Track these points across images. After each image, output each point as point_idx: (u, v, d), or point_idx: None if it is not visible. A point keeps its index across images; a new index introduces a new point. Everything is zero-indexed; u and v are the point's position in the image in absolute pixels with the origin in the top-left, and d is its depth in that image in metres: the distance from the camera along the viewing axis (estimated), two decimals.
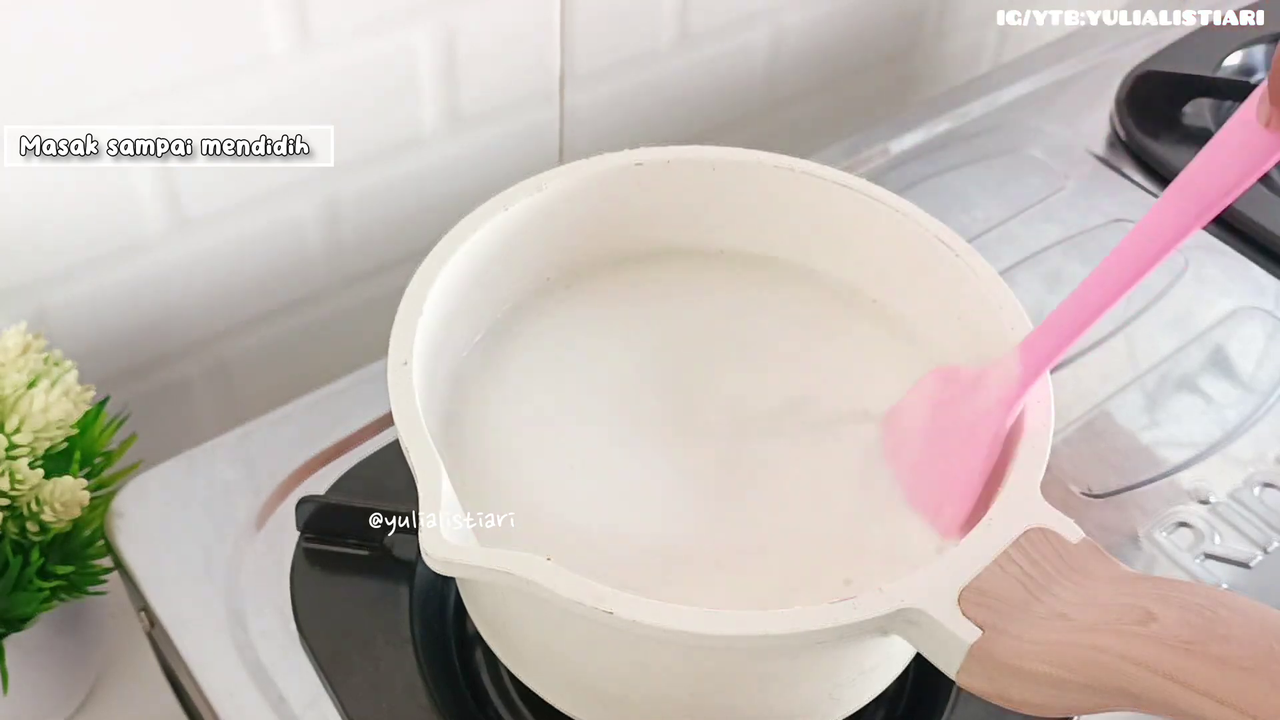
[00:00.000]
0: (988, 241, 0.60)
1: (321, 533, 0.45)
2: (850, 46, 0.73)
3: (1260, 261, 0.60)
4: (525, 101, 0.60)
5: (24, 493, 0.42)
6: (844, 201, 0.43)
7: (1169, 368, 0.55)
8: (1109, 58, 0.71)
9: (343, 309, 0.62)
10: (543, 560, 0.32)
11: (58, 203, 0.49)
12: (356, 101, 0.54)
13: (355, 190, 0.57)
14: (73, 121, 0.47)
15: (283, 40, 0.50)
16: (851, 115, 0.77)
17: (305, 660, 0.43)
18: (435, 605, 0.45)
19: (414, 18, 0.53)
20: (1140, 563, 0.47)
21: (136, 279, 0.53)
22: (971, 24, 0.80)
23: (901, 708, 0.43)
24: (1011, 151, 0.65)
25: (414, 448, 0.34)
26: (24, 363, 0.43)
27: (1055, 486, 0.49)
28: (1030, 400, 0.37)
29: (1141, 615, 0.29)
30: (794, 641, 0.32)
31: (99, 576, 0.47)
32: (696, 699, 0.36)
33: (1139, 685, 0.28)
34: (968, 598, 0.32)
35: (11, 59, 0.44)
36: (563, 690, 0.38)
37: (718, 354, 0.44)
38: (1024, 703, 0.31)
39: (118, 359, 0.55)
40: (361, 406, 0.50)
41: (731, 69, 0.68)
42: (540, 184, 0.42)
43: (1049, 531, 0.33)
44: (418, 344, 0.37)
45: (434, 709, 0.41)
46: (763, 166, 0.44)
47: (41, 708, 0.51)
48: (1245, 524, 0.49)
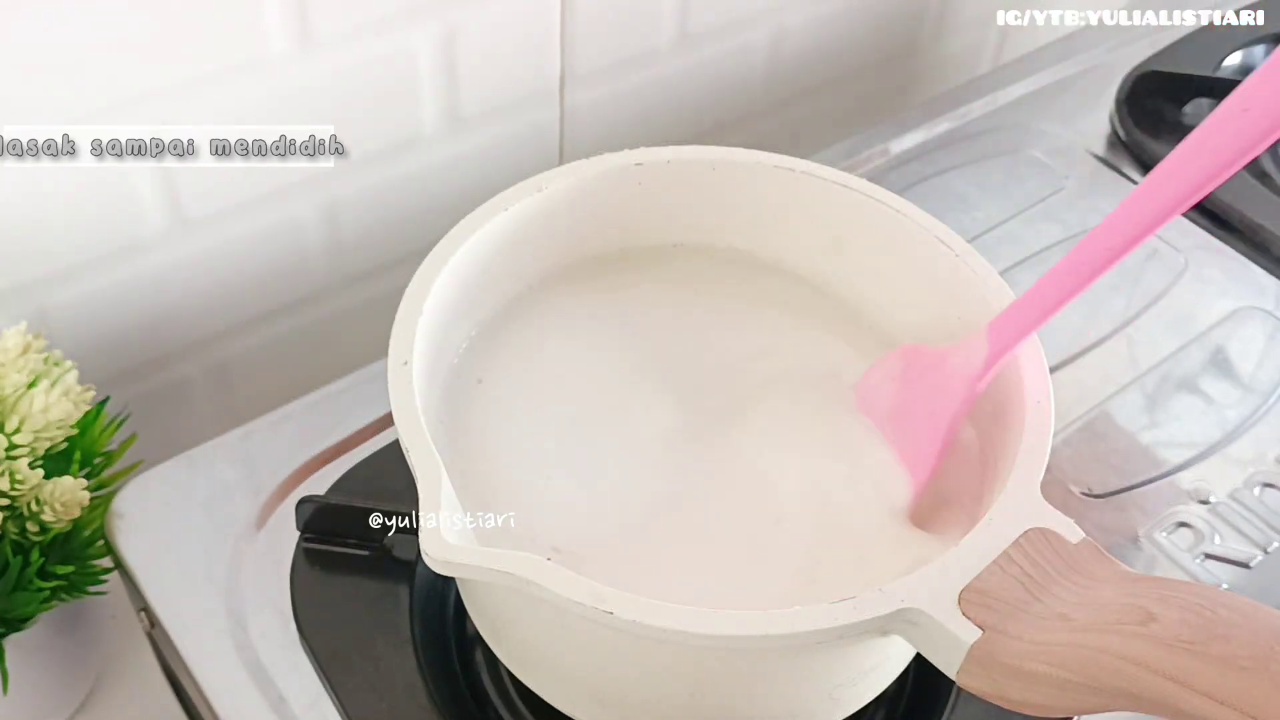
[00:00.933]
0: (988, 241, 0.60)
1: (321, 533, 0.45)
2: (850, 46, 0.73)
3: (1260, 261, 0.60)
4: (525, 101, 0.60)
5: (24, 493, 0.42)
6: (844, 201, 0.43)
7: (1169, 368, 0.55)
8: (1109, 58, 0.71)
9: (343, 309, 0.62)
10: (543, 560, 0.32)
11: (58, 203, 0.49)
12: (356, 101, 0.54)
13: (355, 190, 0.57)
14: (73, 121, 0.47)
15: (283, 40, 0.50)
16: (851, 115, 0.77)
17: (305, 660, 0.43)
18: (435, 605, 0.45)
19: (414, 18, 0.53)
20: (1140, 563, 0.47)
21: (136, 279, 0.53)
22: (971, 24, 0.80)
23: (901, 708, 0.43)
24: (1011, 151, 0.65)
25: (414, 448, 0.34)
26: (24, 363, 0.43)
27: (1055, 486, 0.49)
28: (1030, 400, 0.37)
29: (1142, 615, 0.29)
30: (794, 641, 0.32)
31: (99, 576, 0.47)
32: (696, 699, 0.36)
33: (1139, 685, 0.28)
34: (968, 598, 0.32)
35: (12, 59, 0.44)
36: (562, 690, 0.38)
37: (718, 353, 0.44)
38: (1024, 703, 0.31)
39: (118, 359, 0.55)
40: (361, 406, 0.50)
41: (731, 69, 0.68)
42: (540, 184, 0.42)
43: (1049, 532, 0.33)
44: (418, 344, 0.37)
45: (434, 709, 0.41)
46: (763, 166, 0.44)
47: (41, 708, 0.51)
48: (1245, 524, 0.49)
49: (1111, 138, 0.66)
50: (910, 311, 0.44)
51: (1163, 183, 0.33)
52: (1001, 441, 0.37)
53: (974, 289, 0.41)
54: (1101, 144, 0.66)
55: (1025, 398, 0.37)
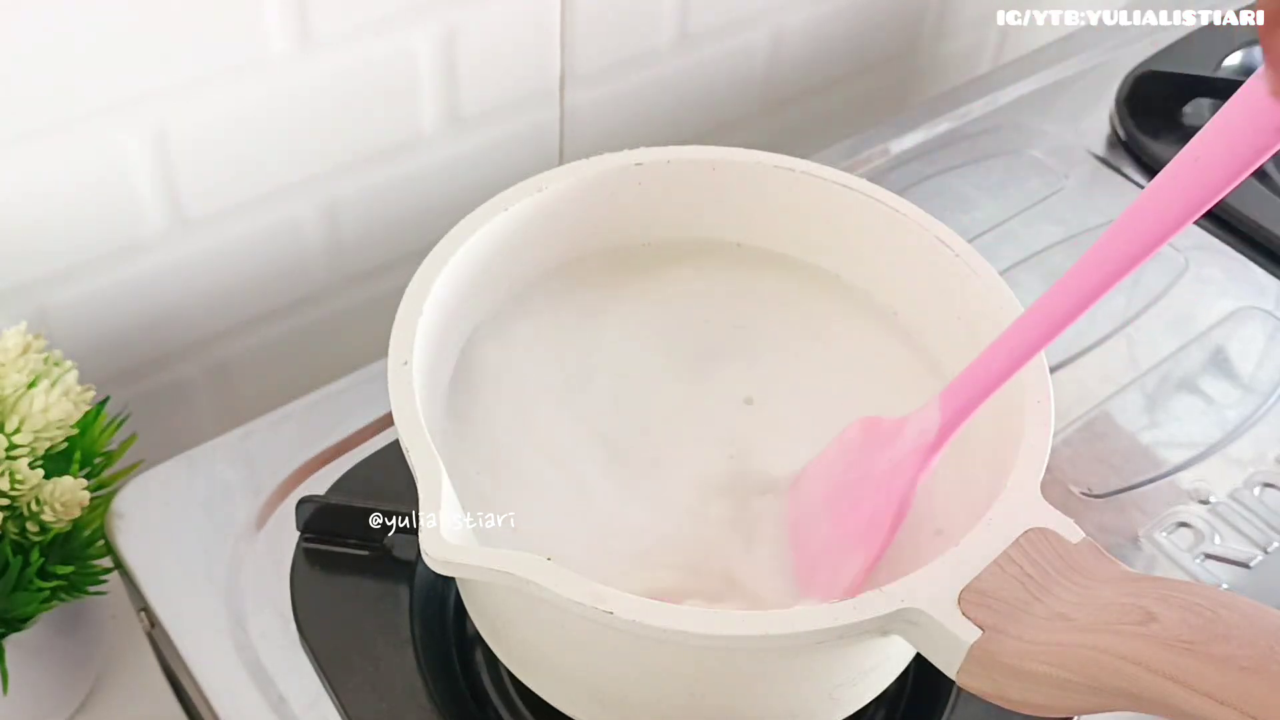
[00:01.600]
0: (988, 241, 0.60)
1: (321, 533, 0.45)
2: (850, 46, 0.73)
3: (1260, 261, 0.60)
4: (525, 102, 0.60)
5: (24, 493, 0.42)
6: (844, 201, 0.43)
7: (1169, 368, 0.55)
8: (1109, 58, 0.71)
9: (343, 309, 0.62)
10: (543, 560, 0.32)
11: (58, 203, 0.49)
12: (356, 101, 0.54)
13: (355, 190, 0.57)
14: (73, 121, 0.47)
15: (283, 40, 0.50)
16: (851, 115, 0.77)
17: (305, 660, 0.43)
18: (435, 605, 0.45)
19: (414, 18, 0.53)
20: (1140, 563, 0.47)
21: (136, 279, 0.53)
22: (971, 24, 0.80)
23: (901, 708, 0.43)
24: (1011, 151, 0.65)
25: (414, 448, 0.34)
26: (24, 363, 0.43)
27: (1055, 487, 0.49)
28: (1030, 400, 0.37)
29: (1142, 615, 0.29)
30: (794, 641, 0.32)
31: (99, 577, 0.47)
32: (696, 699, 0.36)
33: (1139, 685, 0.28)
34: (968, 598, 0.32)
35: (11, 59, 0.44)
36: (562, 690, 0.38)
37: (717, 353, 0.44)
38: (1024, 703, 0.31)
39: (118, 359, 0.55)
40: (361, 406, 0.50)
41: (731, 69, 0.68)
42: (540, 184, 0.42)
43: (1049, 532, 0.33)
44: (418, 344, 0.37)
45: (434, 709, 0.41)
46: (762, 166, 0.44)
47: (41, 708, 0.51)
48: (1245, 524, 0.49)
49: (1111, 138, 0.66)
50: (910, 310, 0.44)
51: (1091, 267, 0.32)
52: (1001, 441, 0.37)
53: (974, 289, 0.41)
54: (1101, 144, 0.66)
55: (1025, 398, 0.37)
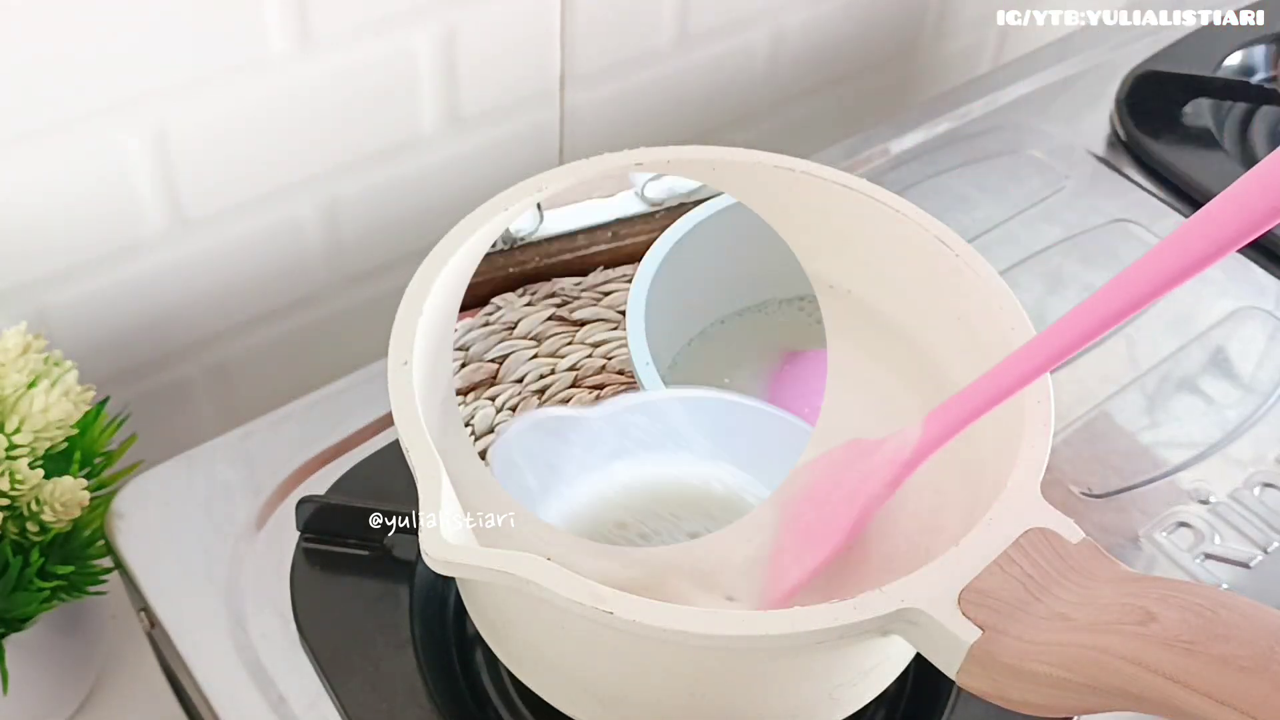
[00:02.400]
0: (988, 241, 0.60)
1: (321, 533, 0.45)
2: (850, 46, 0.73)
3: (1260, 261, 0.60)
4: (525, 102, 0.60)
5: (24, 493, 0.42)
6: (844, 201, 0.43)
7: (1169, 368, 0.55)
8: (1109, 58, 0.71)
9: (343, 309, 0.62)
10: (543, 560, 0.32)
11: (58, 203, 0.49)
12: (356, 101, 0.54)
13: (355, 190, 0.57)
14: (73, 121, 0.47)
15: (283, 40, 0.50)
16: (851, 115, 0.77)
17: (305, 660, 0.43)
18: (435, 605, 0.45)
19: (414, 18, 0.53)
20: (1140, 563, 0.47)
21: (136, 279, 0.53)
22: (971, 24, 0.80)
23: (901, 708, 0.43)
24: (1011, 151, 0.65)
25: (414, 448, 0.34)
26: (24, 363, 0.43)
27: (1055, 487, 0.49)
28: (1030, 400, 0.37)
29: (1142, 615, 0.29)
30: (794, 641, 0.32)
31: (99, 577, 0.47)
32: (696, 699, 0.36)
33: (1139, 685, 0.28)
34: (968, 598, 0.32)
35: (12, 58, 0.44)
36: (562, 690, 0.38)
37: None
38: (1024, 703, 0.31)
39: (118, 359, 0.55)
40: (361, 406, 0.50)
41: (731, 69, 0.68)
42: (540, 184, 0.42)
43: (1049, 532, 0.33)
44: (418, 344, 0.37)
45: (434, 709, 0.41)
46: (763, 166, 0.44)
47: (41, 708, 0.51)
48: (1245, 524, 0.49)
49: (1111, 138, 0.66)
50: (910, 311, 0.44)
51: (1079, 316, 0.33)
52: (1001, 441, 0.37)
53: (974, 289, 0.41)
54: (1101, 144, 0.66)
55: (1025, 398, 0.37)
